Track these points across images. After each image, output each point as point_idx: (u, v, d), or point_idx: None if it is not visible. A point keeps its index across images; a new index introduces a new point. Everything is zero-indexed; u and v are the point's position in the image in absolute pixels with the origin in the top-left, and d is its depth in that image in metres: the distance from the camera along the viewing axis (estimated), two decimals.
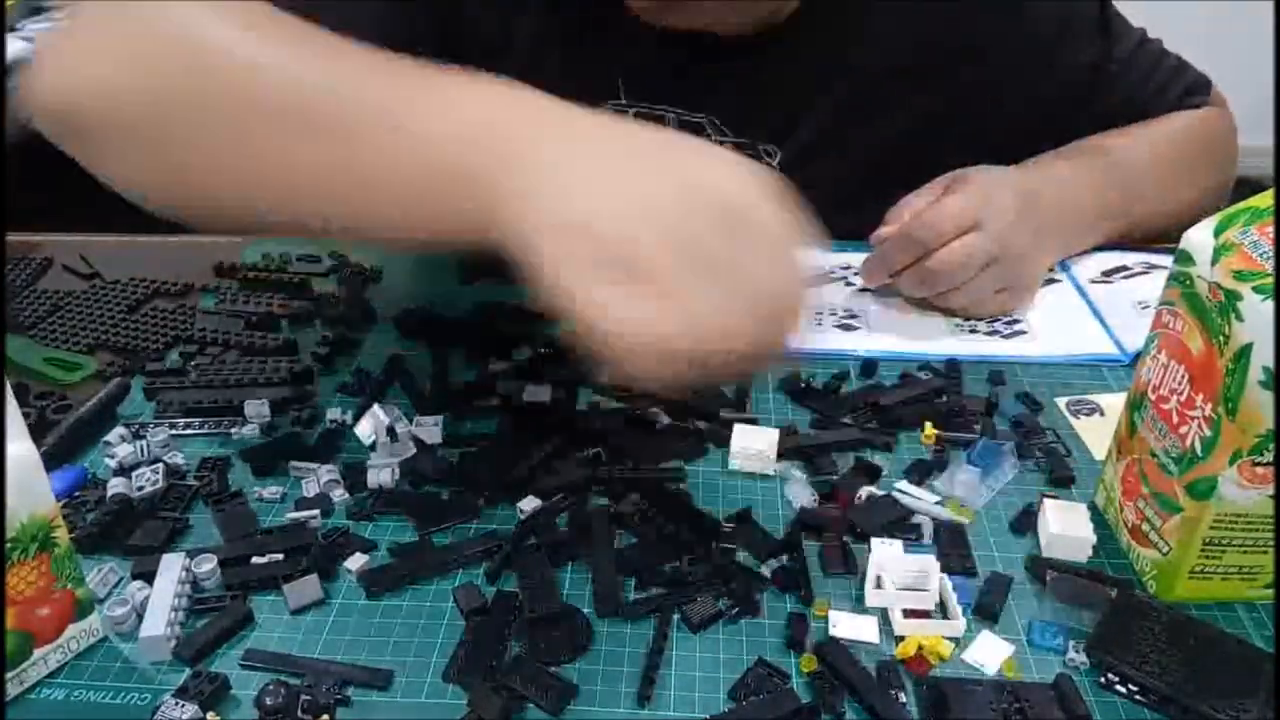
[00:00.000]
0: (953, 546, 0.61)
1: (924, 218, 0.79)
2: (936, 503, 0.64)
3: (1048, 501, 0.63)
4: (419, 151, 0.48)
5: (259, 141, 0.51)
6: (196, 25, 0.53)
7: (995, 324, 0.84)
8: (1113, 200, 0.91)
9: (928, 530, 0.63)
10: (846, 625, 0.56)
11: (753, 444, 0.67)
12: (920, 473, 0.67)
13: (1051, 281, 0.91)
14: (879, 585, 0.57)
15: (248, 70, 0.52)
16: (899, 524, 0.63)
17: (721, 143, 0.88)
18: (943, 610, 0.57)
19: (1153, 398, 0.58)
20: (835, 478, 0.67)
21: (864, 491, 0.65)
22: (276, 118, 0.51)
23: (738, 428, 0.69)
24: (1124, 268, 0.93)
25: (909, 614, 0.56)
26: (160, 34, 0.54)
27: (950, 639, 0.55)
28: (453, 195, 0.47)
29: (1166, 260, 0.91)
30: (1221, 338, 0.52)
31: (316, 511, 0.63)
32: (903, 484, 0.66)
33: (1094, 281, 0.91)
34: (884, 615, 0.56)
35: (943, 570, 0.59)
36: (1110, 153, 0.91)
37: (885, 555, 0.58)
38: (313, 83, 0.51)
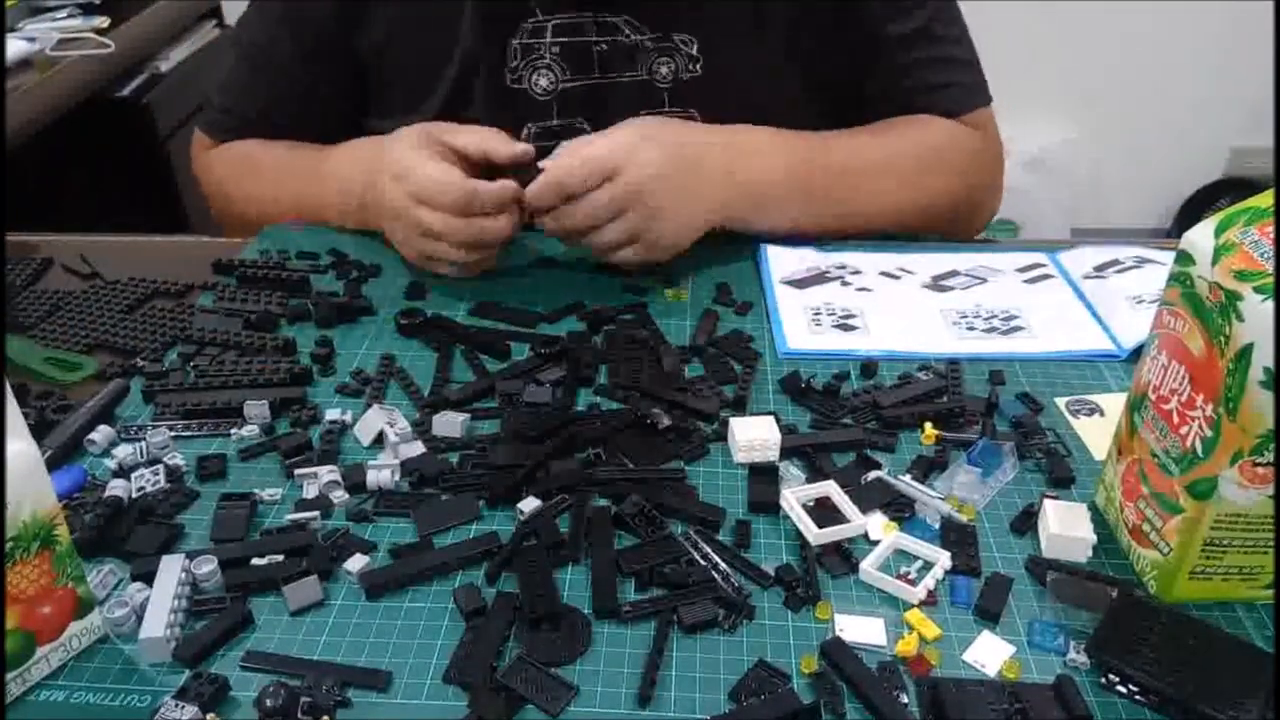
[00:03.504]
0: (960, 545, 0.61)
1: (563, 161, 0.82)
2: (938, 498, 0.64)
3: (1048, 501, 0.63)
4: (332, 186, 0.96)
5: (273, 186, 1.02)
6: (239, 149, 1.06)
7: (993, 321, 0.84)
8: (814, 181, 0.92)
9: (933, 519, 0.63)
10: (853, 628, 0.56)
11: (756, 434, 0.67)
12: (921, 469, 0.67)
13: (1045, 278, 0.91)
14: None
15: (273, 164, 1.03)
16: (894, 504, 0.64)
17: (639, 40, 0.94)
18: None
19: (1153, 398, 0.58)
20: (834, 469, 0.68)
21: (865, 476, 0.66)
22: (282, 176, 1.02)
23: (737, 421, 0.69)
24: (1116, 262, 0.93)
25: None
26: (226, 160, 1.06)
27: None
28: (345, 206, 0.96)
29: (1157, 254, 0.92)
30: (1222, 338, 0.51)
31: (316, 513, 0.63)
32: (905, 476, 0.66)
33: (1087, 277, 0.91)
34: (888, 620, 0.57)
35: (950, 570, 0.59)
36: (830, 141, 0.94)
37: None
38: (291, 165, 1.02)
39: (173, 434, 0.70)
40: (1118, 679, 0.52)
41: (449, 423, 0.70)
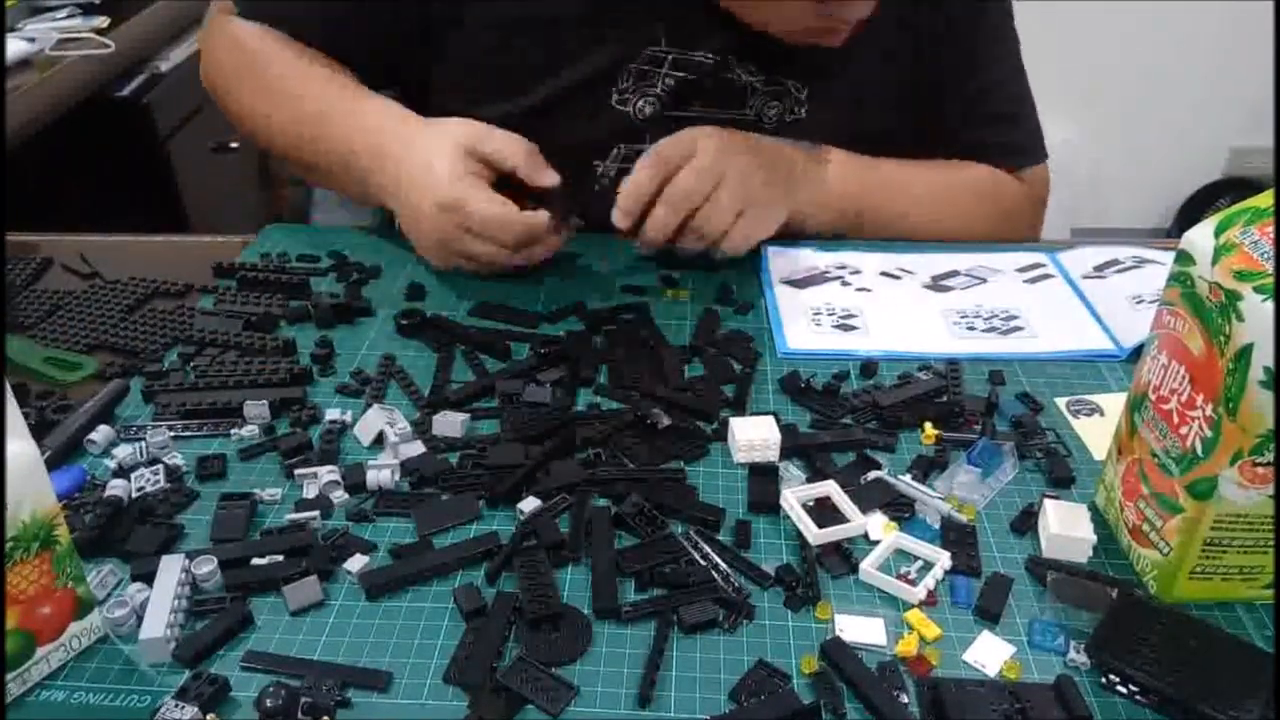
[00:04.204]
0: (960, 545, 0.61)
1: (676, 196, 0.85)
2: (938, 498, 0.64)
3: (1048, 502, 0.63)
4: (346, 139, 0.91)
5: (277, 103, 0.96)
6: (250, 40, 0.99)
7: (993, 321, 0.84)
8: (859, 206, 0.97)
9: (933, 519, 0.63)
10: (853, 628, 0.56)
11: (755, 435, 0.67)
12: (921, 469, 0.67)
13: (1045, 277, 0.91)
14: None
15: (274, 71, 0.96)
16: (894, 504, 0.64)
17: (750, 81, 0.96)
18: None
19: (1153, 398, 0.58)
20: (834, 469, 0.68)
21: (865, 476, 0.66)
22: (287, 97, 0.95)
23: (736, 421, 0.69)
24: (1115, 262, 0.93)
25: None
26: (231, 42, 1.00)
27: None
28: (355, 171, 0.92)
29: (1156, 254, 0.93)
30: (1222, 338, 0.51)
31: (316, 513, 0.63)
32: (905, 476, 0.66)
33: (1086, 277, 0.91)
34: (888, 620, 0.57)
35: (950, 570, 0.59)
36: (881, 172, 0.99)
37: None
38: (304, 105, 0.94)
39: (173, 434, 0.70)
40: (1118, 679, 0.52)
41: (449, 423, 0.70)
